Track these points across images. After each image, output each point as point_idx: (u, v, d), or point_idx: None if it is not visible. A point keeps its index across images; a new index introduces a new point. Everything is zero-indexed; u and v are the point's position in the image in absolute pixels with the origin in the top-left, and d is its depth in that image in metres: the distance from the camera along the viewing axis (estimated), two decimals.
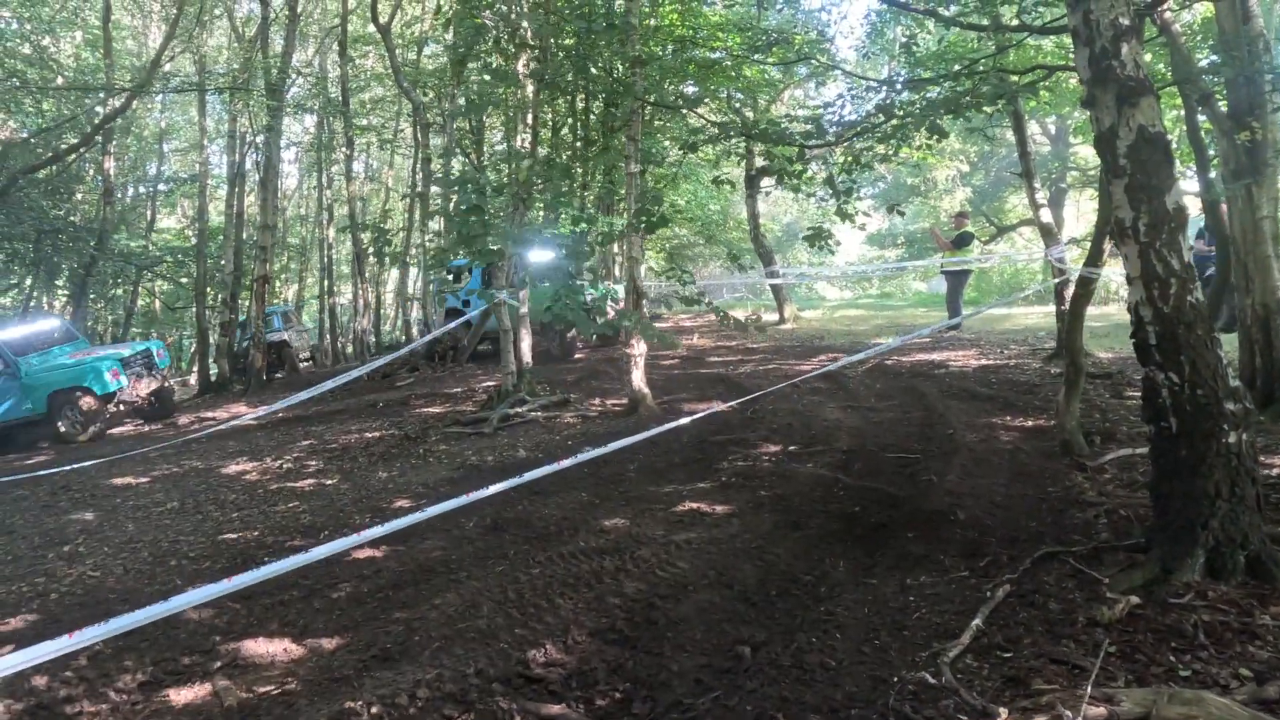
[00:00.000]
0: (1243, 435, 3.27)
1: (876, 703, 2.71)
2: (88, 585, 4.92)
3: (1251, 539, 3.24)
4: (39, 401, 11.60)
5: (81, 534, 6.10)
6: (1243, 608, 3.00)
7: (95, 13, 16.88)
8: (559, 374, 11.23)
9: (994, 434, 6.09)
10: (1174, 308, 3.34)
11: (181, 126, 24.94)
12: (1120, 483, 4.73)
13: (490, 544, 4.81)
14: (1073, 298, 5.65)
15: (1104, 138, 3.44)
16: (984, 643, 3.03)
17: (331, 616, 4.04)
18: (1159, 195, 3.33)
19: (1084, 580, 3.43)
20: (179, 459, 8.62)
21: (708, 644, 3.33)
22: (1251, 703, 2.46)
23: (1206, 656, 2.76)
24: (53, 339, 12.90)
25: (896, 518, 4.51)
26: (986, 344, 10.63)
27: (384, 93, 20.94)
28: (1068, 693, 2.55)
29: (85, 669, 3.67)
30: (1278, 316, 5.72)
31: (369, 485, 6.57)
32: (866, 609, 3.48)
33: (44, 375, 11.74)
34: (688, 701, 2.91)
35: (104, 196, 15.70)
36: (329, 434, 8.85)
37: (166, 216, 26.91)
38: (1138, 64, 3.38)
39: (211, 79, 17.96)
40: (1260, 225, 5.72)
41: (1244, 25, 5.71)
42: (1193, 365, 3.31)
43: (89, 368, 11.71)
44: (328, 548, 3.42)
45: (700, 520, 4.85)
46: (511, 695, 3.06)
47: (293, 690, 3.32)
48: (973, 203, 24.43)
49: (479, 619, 3.72)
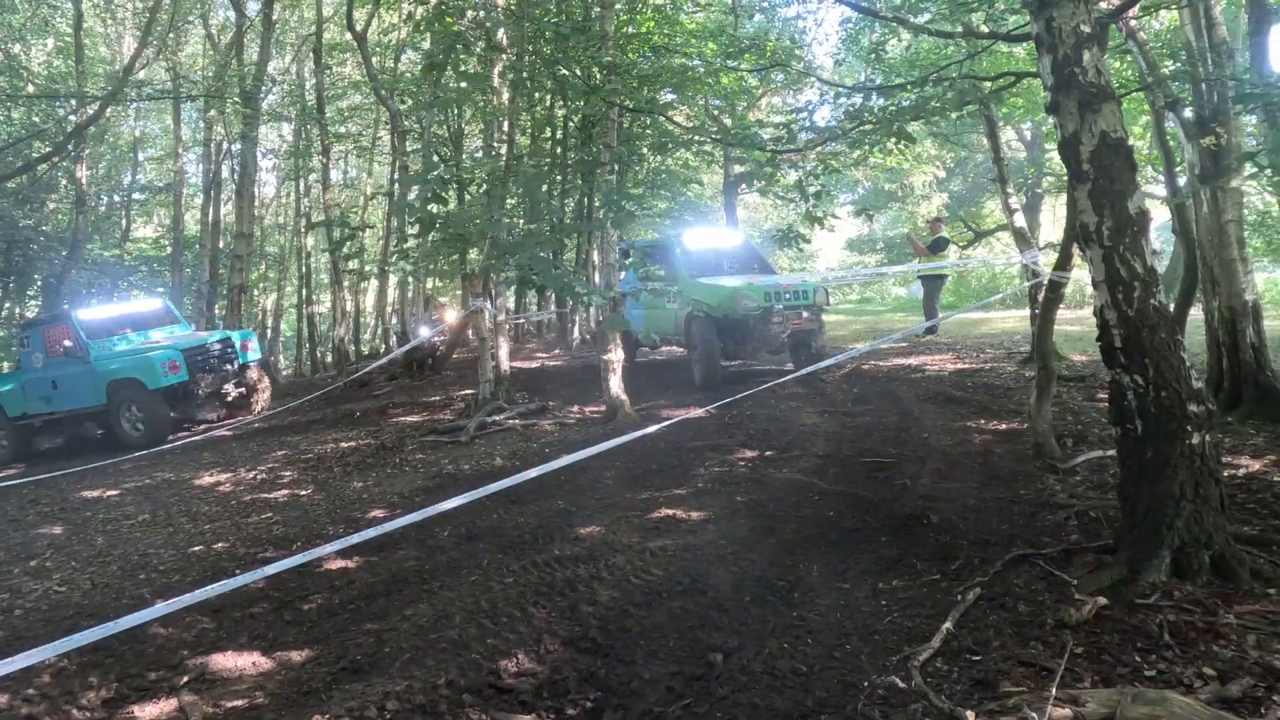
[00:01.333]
0: (1206, 437, 3.31)
1: (846, 708, 2.71)
2: (54, 600, 4.83)
3: (1216, 539, 3.28)
4: (99, 392, 10.63)
5: (49, 548, 6.00)
6: (1207, 607, 3.03)
7: (67, 20, 16.69)
8: (539, 382, 11.20)
9: (968, 438, 6.13)
10: (1138, 311, 3.38)
11: (157, 135, 24.69)
12: (1091, 485, 4.78)
13: (464, 553, 4.78)
14: (1043, 302, 5.71)
15: (1068, 143, 3.48)
16: (954, 646, 3.04)
17: (302, 629, 3.99)
18: (1122, 200, 3.37)
19: (1053, 582, 3.45)
20: (151, 470, 8.50)
21: (680, 651, 3.32)
22: (1215, 702, 2.48)
23: (1171, 656, 2.78)
24: (148, 321, 11.83)
25: (870, 522, 4.52)
26: (963, 348, 10.71)
27: (362, 100, 20.85)
28: (1034, 694, 2.56)
29: (48, 686, 3.62)
30: (1243, 319, 5.80)
31: (344, 495, 6.50)
32: (839, 614, 3.48)
33: (105, 362, 10.70)
34: (659, 710, 2.90)
35: (76, 205, 15.49)
36: (304, 444, 8.76)
37: (143, 226, 26.62)
38: (1100, 71, 3.42)
39: (187, 86, 17.82)
40: (1225, 229, 5.80)
41: (1208, 33, 5.81)
42: (1157, 368, 3.35)
43: (142, 358, 10.55)
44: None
45: (676, 527, 4.84)
46: (482, 706, 3.03)
47: (260, 704, 3.28)
48: (950, 208, 24.63)
49: (451, 629, 3.69)
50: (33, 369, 11.20)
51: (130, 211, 22.58)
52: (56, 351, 10.99)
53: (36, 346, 11.24)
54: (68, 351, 10.84)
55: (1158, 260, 6.09)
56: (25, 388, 11.18)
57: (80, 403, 10.85)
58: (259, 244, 22.11)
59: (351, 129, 21.09)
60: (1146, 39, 6.28)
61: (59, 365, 10.95)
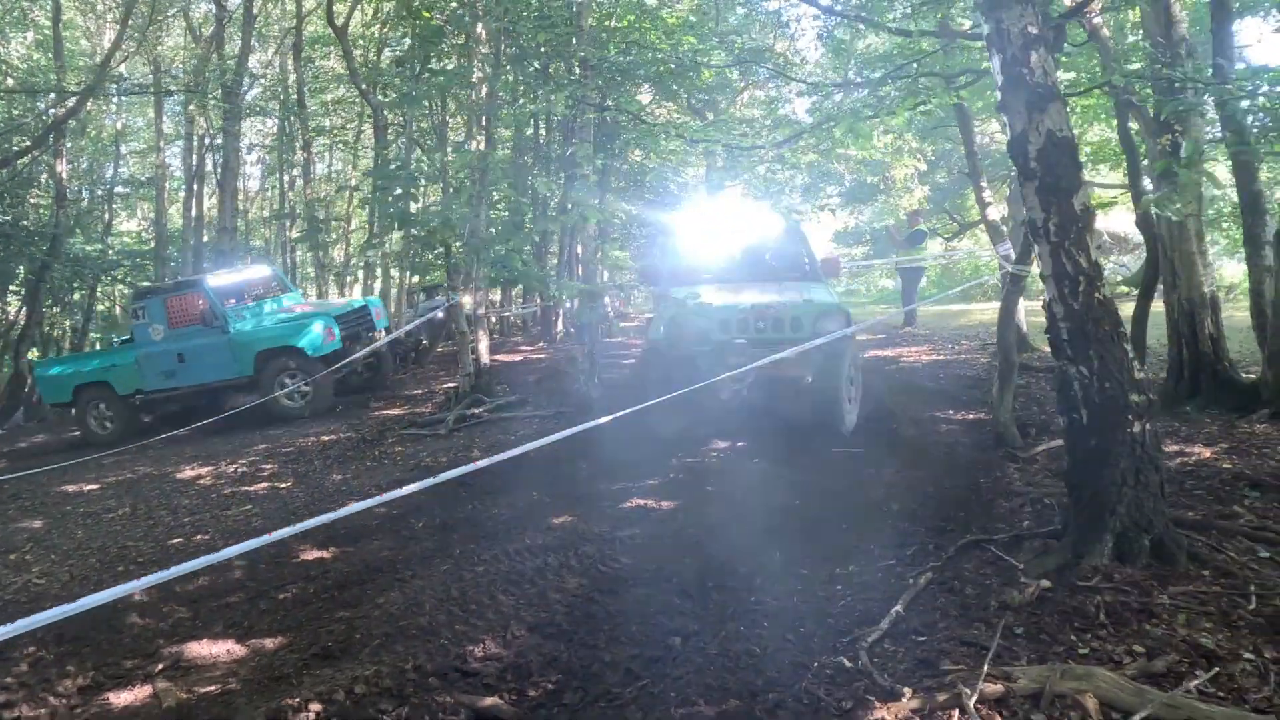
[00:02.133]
0: (1146, 426, 3.44)
1: (794, 686, 2.83)
2: (33, 592, 4.90)
3: (1155, 524, 3.41)
4: (246, 363, 10.01)
5: (29, 541, 6.06)
6: (1143, 589, 3.16)
7: (45, 13, 16.57)
8: (520, 375, 11.27)
9: (935, 427, 6.27)
10: (1083, 304, 3.50)
11: (140, 128, 24.54)
12: (1049, 473, 4.91)
13: (438, 543, 4.88)
14: (1004, 294, 5.84)
15: (1016, 142, 3.59)
16: (902, 628, 3.16)
17: (276, 617, 4.09)
18: (1067, 197, 3.49)
19: (1002, 567, 3.58)
20: (132, 465, 8.55)
21: (641, 636, 3.43)
22: (1140, 676, 2.61)
23: (1105, 635, 2.91)
24: (266, 289, 11.29)
25: (833, 511, 4.65)
26: (939, 340, 10.87)
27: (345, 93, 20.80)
28: (971, 672, 2.68)
29: (25, 674, 3.70)
30: (1202, 311, 5.95)
31: (323, 488, 6.58)
32: (795, 598, 3.60)
33: (251, 331, 10.13)
34: (616, 690, 3.01)
35: (57, 200, 15.42)
36: (285, 437, 8.82)
37: (126, 219, 26.47)
38: (1046, 71, 3.53)
39: (168, 80, 17.73)
40: (1185, 224, 5.94)
41: (1168, 30, 5.93)
42: (1101, 359, 3.47)
43: (299, 324, 10.04)
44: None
45: (646, 516, 4.95)
46: (446, 689, 3.14)
47: (233, 690, 3.38)
48: (935, 199, 24.77)
49: (421, 616, 3.79)
50: (151, 342, 10.34)
51: (112, 205, 22.47)
52: (182, 322, 10.27)
53: (155, 318, 10.35)
54: (204, 320, 10.12)
55: (1134, 255, 6.19)
56: (142, 363, 10.35)
57: (217, 375, 10.18)
58: (243, 237, 22.06)
59: (334, 122, 21.02)
60: (1110, 35, 6.40)
61: (186, 336, 10.22)
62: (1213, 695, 2.50)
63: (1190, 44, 6.05)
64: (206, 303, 10.14)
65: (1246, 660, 2.65)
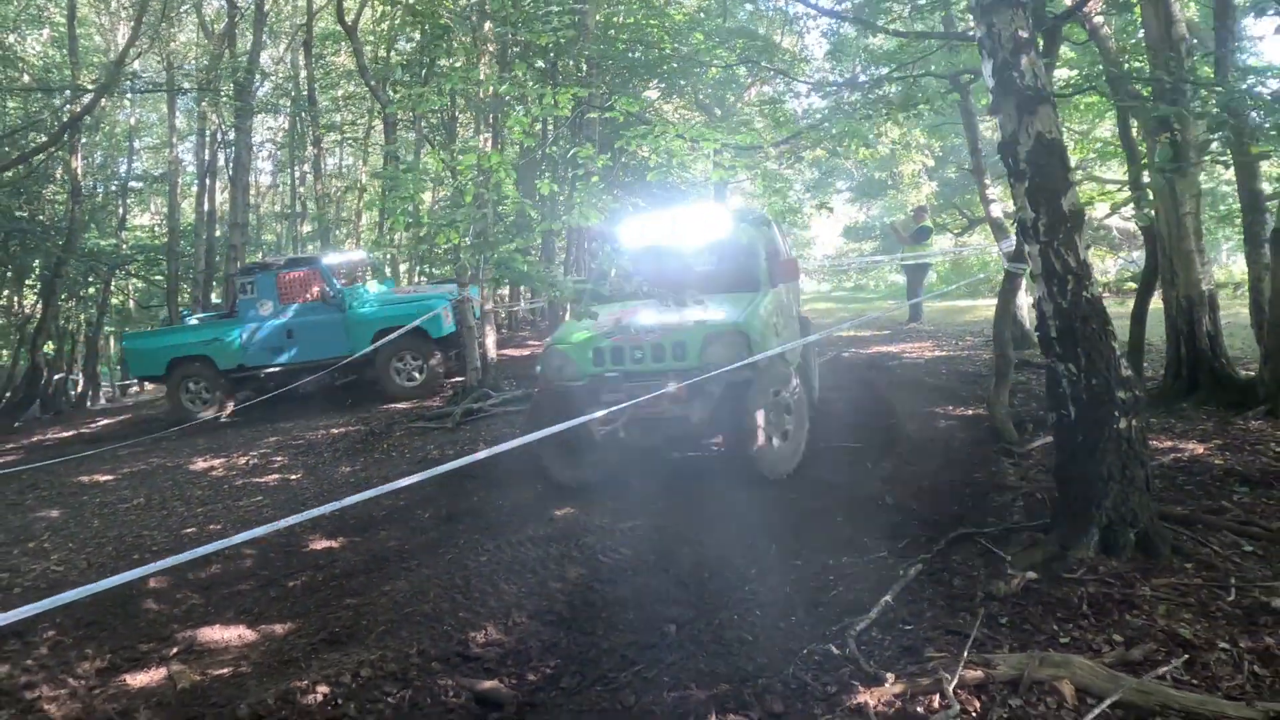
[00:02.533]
0: (1133, 421, 3.51)
1: (783, 671, 2.93)
2: (51, 579, 5.05)
3: (1141, 518, 3.49)
4: (362, 341, 9.86)
5: (47, 530, 6.22)
6: (1127, 580, 3.24)
7: (60, 9, 16.78)
8: (528, 369, 11.38)
9: (934, 423, 6.34)
10: (1071, 303, 3.57)
11: (153, 123, 24.78)
12: (1043, 468, 4.98)
13: (443, 534, 5.00)
14: (1000, 291, 5.90)
15: (1007, 143, 3.67)
16: (890, 617, 3.25)
17: (286, 604, 4.22)
18: (1056, 198, 3.56)
19: (991, 559, 3.67)
20: (147, 456, 8.71)
21: (638, 623, 3.54)
22: (1117, 664, 2.70)
23: (1087, 625, 3.00)
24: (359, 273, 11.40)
25: (829, 503, 4.74)
26: (943, 336, 10.91)
27: (356, 89, 20.94)
28: (952, 658, 2.78)
29: (46, 657, 3.83)
30: (1200, 308, 5.99)
31: (331, 480, 6.72)
32: (788, 588, 3.70)
33: (369, 310, 10.01)
34: (612, 675, 3.12)
35: (72, 195, 15.62)
36: (296, 430, 8.97)
37: (140, 214, 26.73)
38: (1037, 74, 3.61)
39: (181, 76, 17.90)
40: (1183, 221, 5.98)
41: (1168, 30, 5.97)
42: (1089, 357, 3.55)
43: (422, 306, 9.86)
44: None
45: (647, 508, 5.05)
46: (449, 672, 3.26)
47: (244, 672, 3.51)
48: (943, 195, 24.73)
49: (425, 604, 3.91)
50: (258, 317, 10.26)
51: (126, 200, 22.72)
52: (292, 299, 10.22)
53: (265, 293, 10.25)
54: (322, 298, 10.10)
55: (1144, 250, 6.26)
56: (247, 338, 10.25)
57: (327, 353, 10.02)
58: (254, 232, 22.27)
59: (345, 118, 21.17)
60: (1111, 35, 6.44)
61: (298, 313, 10.19)
62: (1186, 682, 2.59)
63: (1190, 43, 6.09)
64: (322, 281, 10.14)
65: (1222, 650, 2.74)
